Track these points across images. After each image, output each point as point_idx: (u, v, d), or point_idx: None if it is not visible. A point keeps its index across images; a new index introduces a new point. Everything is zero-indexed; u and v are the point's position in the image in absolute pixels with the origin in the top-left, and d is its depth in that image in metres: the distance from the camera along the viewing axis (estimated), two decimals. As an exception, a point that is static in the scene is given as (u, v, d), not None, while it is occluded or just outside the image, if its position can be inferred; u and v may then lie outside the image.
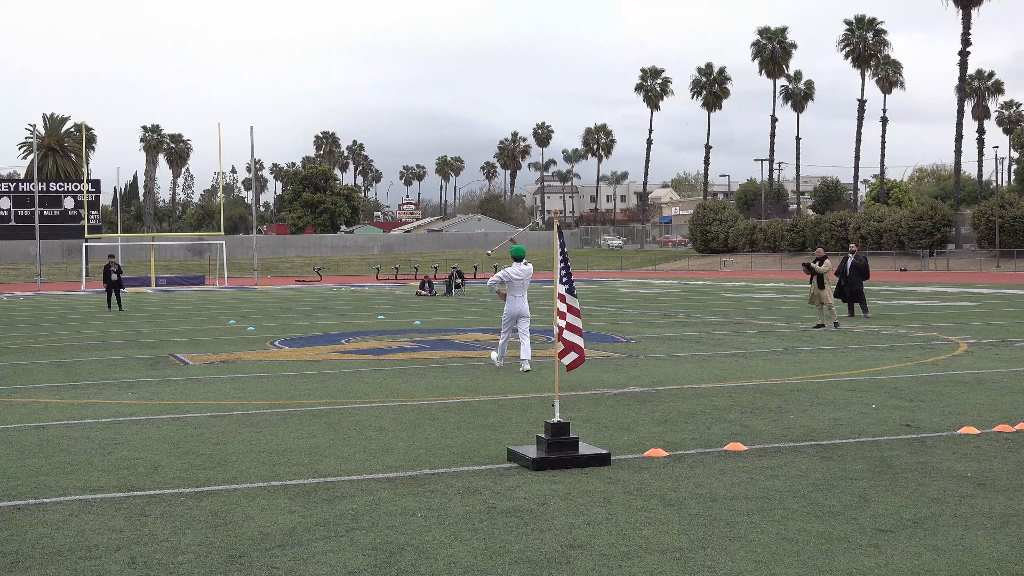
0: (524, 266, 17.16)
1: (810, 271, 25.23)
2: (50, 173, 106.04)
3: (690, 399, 13.41)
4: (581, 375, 15.90)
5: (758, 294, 44.32)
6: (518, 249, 17.21)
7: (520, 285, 17.16)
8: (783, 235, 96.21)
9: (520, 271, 17.14)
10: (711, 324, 26.55)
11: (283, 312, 36.12)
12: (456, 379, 15.88)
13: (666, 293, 47.42)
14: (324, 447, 10.43)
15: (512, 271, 17.22)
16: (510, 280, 17.17)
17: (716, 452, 9.93)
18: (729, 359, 18.17)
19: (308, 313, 35.08)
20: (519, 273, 17.12)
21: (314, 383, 15.65)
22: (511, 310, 17.27)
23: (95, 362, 19.53)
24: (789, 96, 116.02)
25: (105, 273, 38.90)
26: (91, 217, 74.85)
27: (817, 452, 9.88)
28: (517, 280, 17.15)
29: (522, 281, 17.14)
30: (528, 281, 17.21)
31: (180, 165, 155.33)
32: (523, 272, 17.12)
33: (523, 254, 17.20)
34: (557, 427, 9.55)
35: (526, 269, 17.18)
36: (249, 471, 9.38)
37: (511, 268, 17.28)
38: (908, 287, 49.90)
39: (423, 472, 9.22)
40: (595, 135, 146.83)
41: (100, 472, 9.46)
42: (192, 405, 13.61)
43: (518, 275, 17.12)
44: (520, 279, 17.13)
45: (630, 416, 12.09)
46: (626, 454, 9.87)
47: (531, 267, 17.39)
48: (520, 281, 17.14)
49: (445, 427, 11.52)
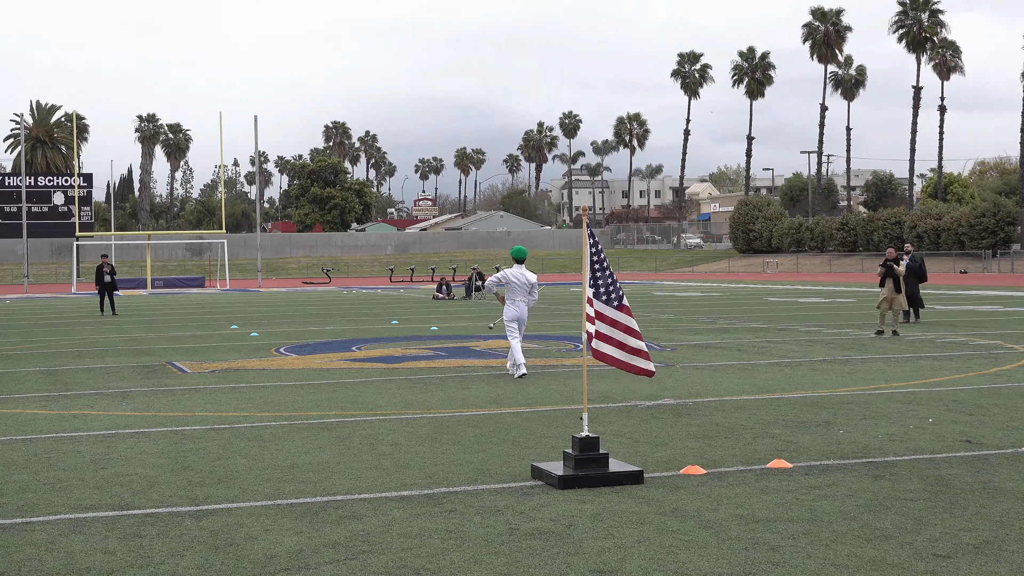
0: (525, 272, 17.52)
1: (890, 272, 24.71)
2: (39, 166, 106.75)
3: (730, 412, 13.38)
4: (612, 386, 15.90)
5: (805, 298, 44.17)
6: (518, 250, 17.51)
7: (519, 290, 17.50)
8: (832, 234, 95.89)
9: (518, 275, 17.47)
10: (753, 330, 26.48)
11: (289, 317, 36.23)
12: (476, 389, 15.89)
13: (704, 297, 47.34)
14: (333, 463, 10.46)
15: (511, 273, 17.54)
16: (508, 282, 17.49)
17: (758, 470, 9.90)
18: (773, 369, 18.12)
19: (316, 318, 35.18)
20: (518, 277, 17.47)
21: (322, 393, 15.69)
22: (512, 314, 17.57)
23: (86, 370, 19.64)
24: (839, 83, 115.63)
25: (97, 274, 39.10)
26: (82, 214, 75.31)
27: (869, 470, 9.84)
28: (516, 284, 17.49)
29: (521, 287, 17.47)
30: (527, 289, 17.45)
31: (178, 158, 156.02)
32: (522, 277, 17.47)
33: (524, 256, 17.49)
34: (586, 442, 9.54)
35: (528, 276, 17.52)
36: (252, 488, 9.41)
37: (510, 270, 17.62)
38: (969, 291, 49.65)
39: (440, 490, 9.23)
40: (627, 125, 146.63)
41: (92, 489, 9.50)
42: (191, 417, 13.67)
43: (516, 279, 17.46)
44: (519, 283, 17.47)
45: (665, 430, 12.07)
46: (660, 472, 9.85)
47: (534, 277, 17.69)
48: (519, 286, 17.48)
49: (464, 442, 11.52)
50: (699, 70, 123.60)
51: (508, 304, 17.64)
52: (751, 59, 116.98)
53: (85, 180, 77.36)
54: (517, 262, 17.53)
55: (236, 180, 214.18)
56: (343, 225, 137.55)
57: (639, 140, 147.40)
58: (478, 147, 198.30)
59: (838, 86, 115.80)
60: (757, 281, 69.48)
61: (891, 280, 24.79)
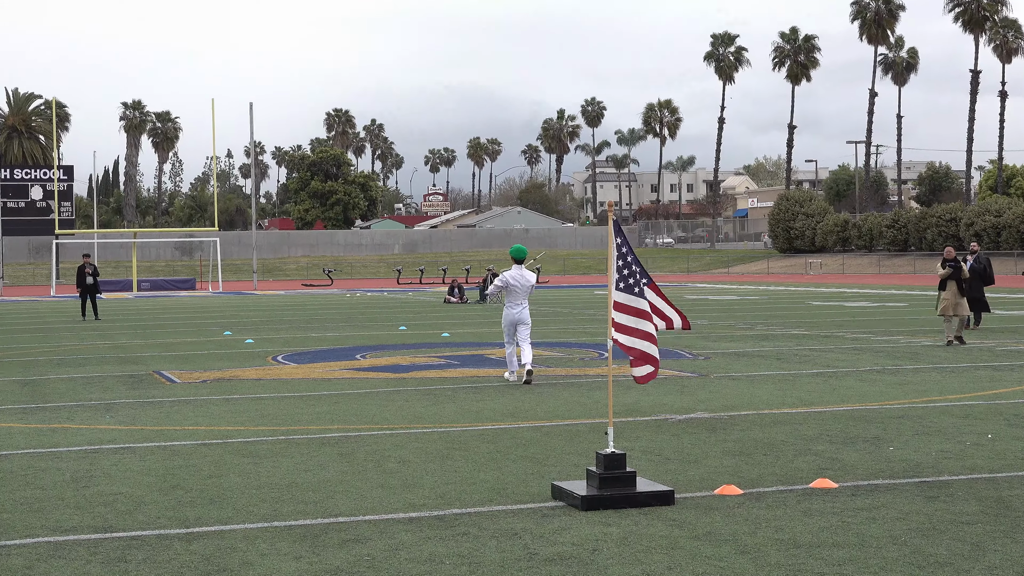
0: (525, 272, 18.15)
1: (955, 273, 24.10)
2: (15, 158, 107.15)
3: (769, 427, 13.36)
4: (640, 397, 15.89)
5: (851, 302, 44.08)
6: (518, 249, 18.22)
7: (518, 292, 18.12)
8: (881, 232, 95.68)
9: (518, 277, 18.10)
10: (795, 337, 26.43)
11: (287, 322, 36.30)
12: (491, 401, 15.90)
13: (741, 300, 47.27)
14: (335, 481, 10.47)
15: (511, 276, 18.15)
16: (507, 285, 18.12)
17: (800, 490, 9.88)
18: (816, 379, 18.09)
19: (316, 323, 35.24)
20: (517, 279, 18.09)
21: (324, 406, 15.72)
22: (509, 318, 18.21)
23: (67, 380, 19.70)
24: (889, 67, 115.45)
25: (79, 276, 39.24)
26: (63, 209, 75.59)
27: (922, 491, 9.81)
28: (515, 286, 18.10)
29: (521, 289, 18.11)
30: (528, 291, 18.19)
31: (167, 149, 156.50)
32: (521, 278, 18.10)
33: (524, 255, 18.20)
34: (611, 459, 9.53)
35: (527, 277, 18.15)
36: (247, 509, 9.43)
37: (509, 272, 18.23)
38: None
39: (452, 511, 9.24)
40: (657, 113, 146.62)
41: (73, 510, 9.54)
42: (180, 431, 13.70)
43: (516, 281, 18.08)
44: (518, 285, 18.10)
45: (698, 446, 12.06)
46: (693, 492, 9.84)
47: (533, 277, 18.37)
48: (518, 288, 18.11)
49: (478, 458, 11.53)
50: (734, 52, 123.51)
51: (507, 307, 18.28)
52: (794, 40, 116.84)
53: (66, 173, 77.64)
54: (516, 262, 18.20)
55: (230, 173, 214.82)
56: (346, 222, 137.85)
57: (670, 129, 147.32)
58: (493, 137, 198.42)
59: (888, 70, 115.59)
60: (799, 283, 69.36)
61: (954, 283, 24.18)
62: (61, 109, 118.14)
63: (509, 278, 18.09)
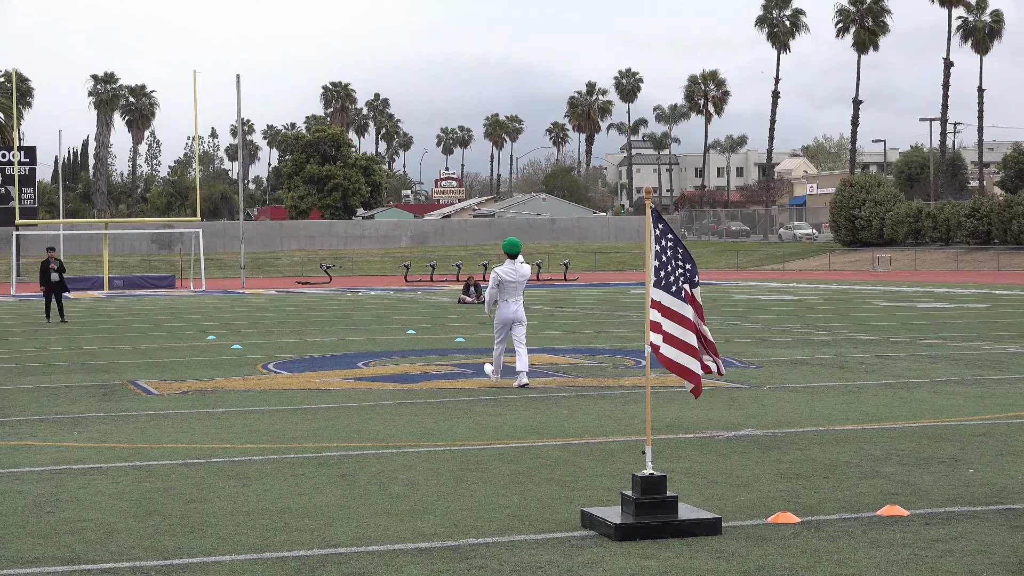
0: (519, 266, 18.84)
1: None
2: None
3: (830, 446, 13.33)
4: (682, 411, 15.87)
5: (925, 303, 43.96)
6: (511, 243, 19.03)
7: (512, 288, 18.81)
8: (960, 223, 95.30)
9: (512, 271, 18.78)
10: (860, 343, 26.38)
11: (279, 325, 36.37)
12: (512, 416, 15.91)
13: (798, 301, 47.18)
14: (334, 506, 10.49)
15: (503, 271, 18.82)
16: (501, 283, 18.74)
17: (866, 518, 9.87)
18: (884, 391, 18.05)
19: (313, 326, 35.29)
20: (510, 274, 18.75)
21: (321, 420, 15.75)
22: (503, 316, 18.89)
23: (29, 391, 19.77)
24: (969, 32, 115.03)
25: (43, 272, 39.32)
26: (24, 197, 75.81)
27: (1006, 519, 9.78)
28: (509, 283, 18.75)
29: (515, 284, 18.79)
30: (522, 284, 18.88)
31: (142, 127, 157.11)
32: (515, 273, 18.78)
33: (518, 249, 18.95)
34: (650, 482, 9.53)
35: (521, 272, 18.83)
36: (234, 538, 9.45)
37: (502, 267, 18.91)
38: None
39: (467, 541, 9.24)
40: (701, 86, 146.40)
41: (36, 539, 9.57)
42: (158, 449, 13.74)
43: (509, 276, 18.74)
44: (512, 281, 18.77)
45: (749, 468, 12.05)
46: (743, 519, 9.84)
47: (528, 270, 19.02)
48: (512, 284, 18.78)
49: (497, 481, 11.54)
50: (791, 16, 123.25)
51: (500, 305, 18.95)
52: (860, 3, 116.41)
53: (27, 155, 77.85)
54: (510, 257, 18.93)
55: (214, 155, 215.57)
56: (347, 211, 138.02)
57: (716, 105, 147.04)
58: (514, 114, 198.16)
59: (968, 36, 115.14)
60: (865, 281, 69.19)
61: None
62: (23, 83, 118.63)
63: (502, 274, 18.74)
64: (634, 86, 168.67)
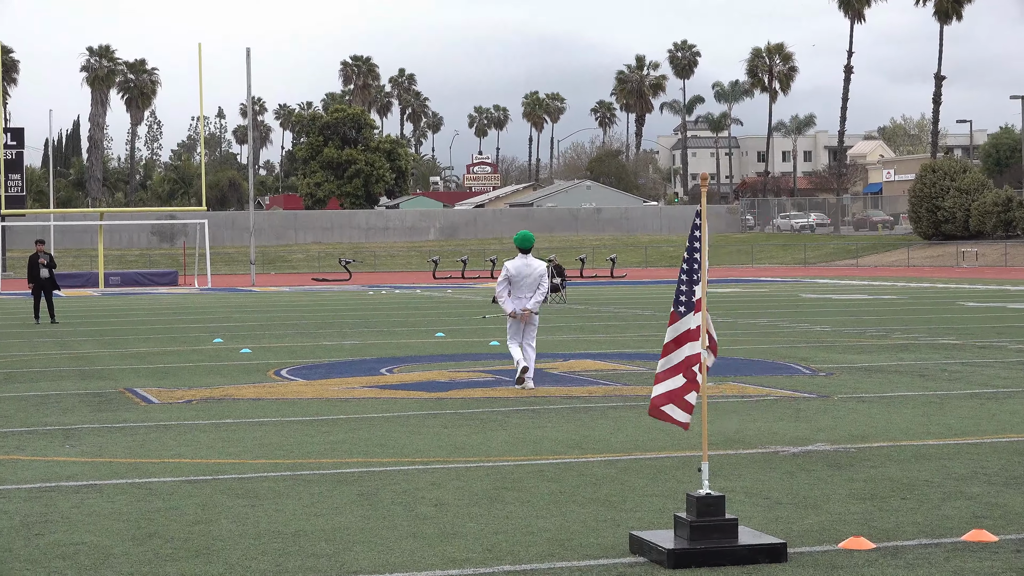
0: (531, 261, 19.54)
1: None
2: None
3: (909, 463, 13.29)
4: (743, 424, 15.84)
5: (1016, 303, 43.76)
6: (524, 237, 19.69)
7: (523, 285, 19.45)
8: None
9: (523, 266, 19.47)
10: (942, 348, 26.28)
11: (294, 326, 36.46)
12: (553, 429, 15.90)
13: (873, 300, 47.04)
14: (355, 529, 10.51)
15: (512, 266, 19.51)
16: (511, 279, 19.42)
17: (950, 544, 9.83)
18: (970, 402, 17.98)
19: (331, 328, 35.36)
20: (520, 269, 19.42)
21: (340, 433, 15.78)
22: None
23: (16, 399, 19.87)
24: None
25: (31, 268, 39.46)
26: (10, 184, 76.22)
27: (1107, 546, 9.73)
28: (518, 279, 19.40)
29: (525, 281, 19.43)
30: (535, 283, 19.48)
31: (142, 107, 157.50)
32: (526, 268, 19.45)
33: (531, 243, 19.64)
34: (706, 503, 9.51)
35: (533, 267, 19.52)
36: (243, 564, 9.47)
37: (512, 262, 19.62)
38: None
39: (502, 568, 9.25)
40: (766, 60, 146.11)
41: (23, 563, 9.61)
42: (158, 465, 13.78)
43: (519, 272, 19.39)
44: (520, 277, 19.40)
45: (817, 487, 12.02)
46: (812, 545, 9.82)
47: (542, 267, 19.64)
48: (521, 280, 19.42)
49: (535, 501, 11.54)
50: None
51: (514, 302, 19.54)
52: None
53: (14, 137, 78.28)
54: (522, 251, 19.62)
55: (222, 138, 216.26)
56: (368, 200, 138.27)
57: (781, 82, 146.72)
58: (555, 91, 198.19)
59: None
60: (948, 279, 68.94)
61: None
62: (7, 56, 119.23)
63: (512, 269, 19.37)
64: (690, 60, 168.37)
